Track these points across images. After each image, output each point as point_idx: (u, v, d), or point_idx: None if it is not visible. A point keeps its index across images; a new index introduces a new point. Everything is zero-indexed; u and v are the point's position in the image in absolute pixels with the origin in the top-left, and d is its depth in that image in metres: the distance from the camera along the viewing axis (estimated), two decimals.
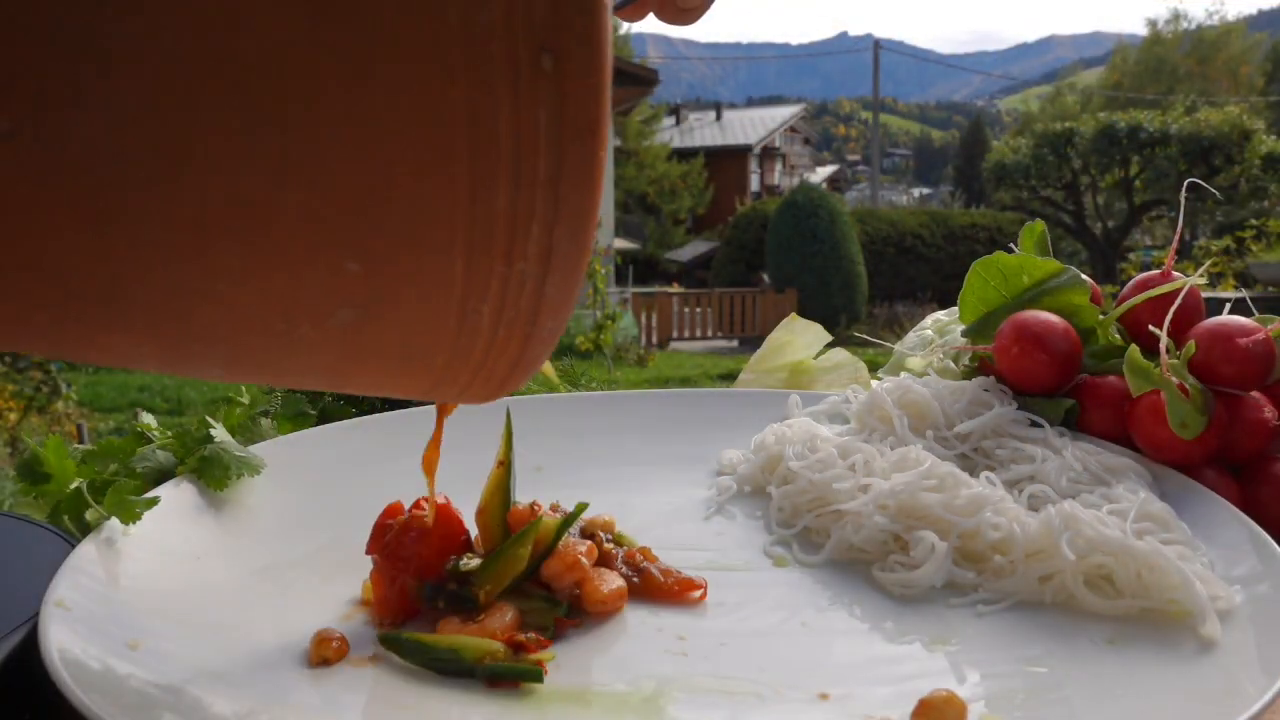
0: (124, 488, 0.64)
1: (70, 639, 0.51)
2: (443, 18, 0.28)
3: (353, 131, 0.30)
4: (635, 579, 0.65)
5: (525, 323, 0.35)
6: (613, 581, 0.63)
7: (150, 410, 0.81)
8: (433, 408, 0.53)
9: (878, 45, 33.97)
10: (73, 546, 0.61)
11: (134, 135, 0.29)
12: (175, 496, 0.69)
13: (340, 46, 0.28)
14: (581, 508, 0.66)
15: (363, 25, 0.28)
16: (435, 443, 0.55)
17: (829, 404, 0.91)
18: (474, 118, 0.29)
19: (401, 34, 0.28)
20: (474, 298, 0.34)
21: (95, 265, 0.32)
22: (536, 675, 0.54)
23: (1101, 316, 0.84)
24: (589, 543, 0.65)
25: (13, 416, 6.04)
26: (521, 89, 0.29)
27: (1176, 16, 45.75)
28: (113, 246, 0.31)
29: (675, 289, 16.33)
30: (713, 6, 0.65)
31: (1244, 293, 0.84)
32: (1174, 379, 0.72)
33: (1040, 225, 0.91)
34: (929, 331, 0.99)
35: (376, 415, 0.88)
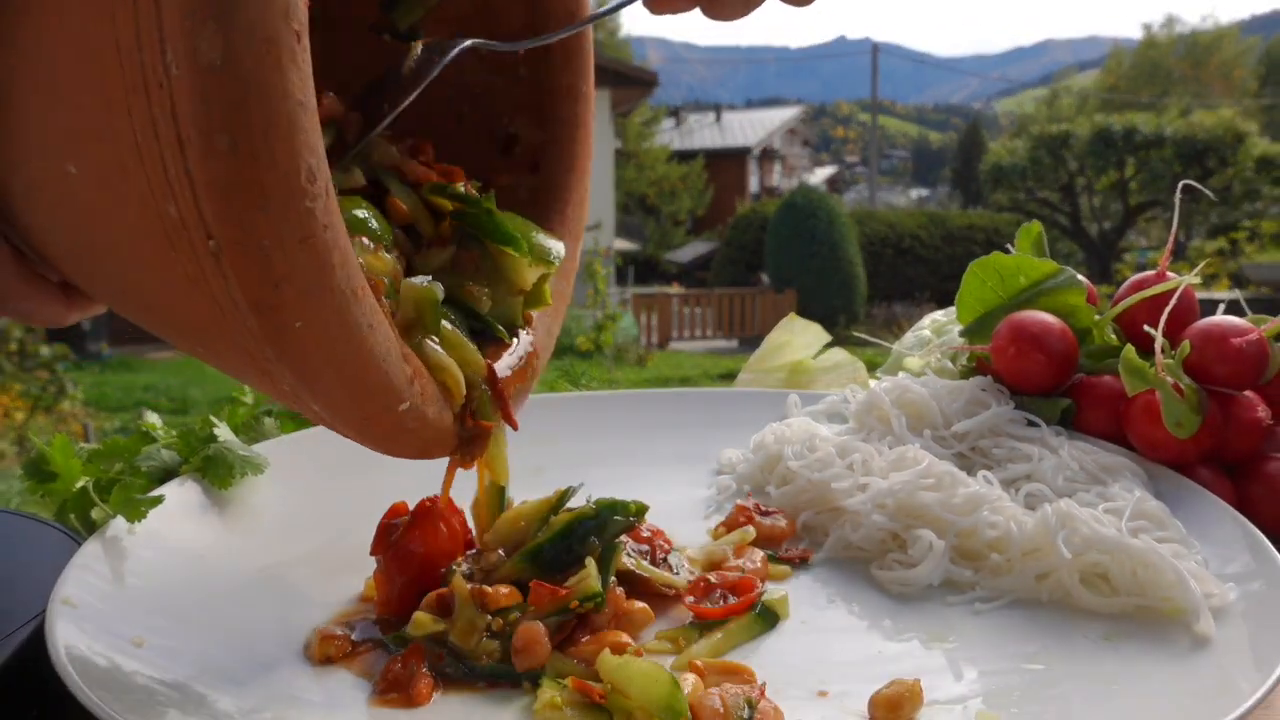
0: (129, 486, 0.64)
1: (76, 636, 0.51)
2: (164, 213, 0.40)
3: (123, 272, 0.46)
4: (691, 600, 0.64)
5: (322, 410, 0.47)
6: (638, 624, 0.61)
7: (155, 410, 0.82)
8: None
9: (876, 48, 33.99)
10: (79, 544, 0.61)
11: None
12: (180, 495, 0.69)
13: (99, 229, 0.45)
14: (566, 493, 0.67)
15: (105, 222, 0.44)
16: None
17: (828, 404, 0.92)
18: (194, 280, 0.41)
19: (138, 223, 0.42)
20: (266, 388, 0.47)
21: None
22: (535, 677, 0.55)
23: (1097, 317, 0.84)
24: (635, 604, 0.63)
25: (19, 415, 6.05)
26: (211, 268, 0.40)
27: (1171, 21, 45.78)
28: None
29: (675, 289, 16.31)
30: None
31: (1238, 293, 0.84)
32: (1169, 378, 0.72)
33: (1037, 226, 0.92)
34: (927, 332, 1.00)
35: None
